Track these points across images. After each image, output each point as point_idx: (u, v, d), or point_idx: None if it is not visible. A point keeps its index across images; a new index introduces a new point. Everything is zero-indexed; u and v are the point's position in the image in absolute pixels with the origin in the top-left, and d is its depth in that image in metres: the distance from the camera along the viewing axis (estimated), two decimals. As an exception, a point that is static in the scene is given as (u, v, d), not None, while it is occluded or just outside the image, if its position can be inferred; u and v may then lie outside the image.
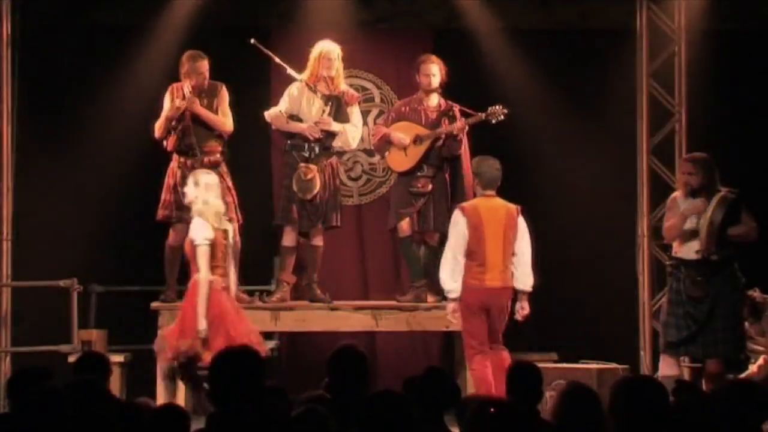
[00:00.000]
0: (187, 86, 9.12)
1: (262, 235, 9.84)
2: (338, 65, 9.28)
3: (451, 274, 8.34)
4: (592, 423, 4.89)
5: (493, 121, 9.28)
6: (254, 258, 9.99)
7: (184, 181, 8.77)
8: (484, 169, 8.53)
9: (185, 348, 8.03)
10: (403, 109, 9.49)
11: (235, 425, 4.48)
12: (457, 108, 9.37)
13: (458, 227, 8.35)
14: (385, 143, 9.45)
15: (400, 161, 9.36)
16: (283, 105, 9.33)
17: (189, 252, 8.16)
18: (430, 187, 9.31)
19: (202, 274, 8.05)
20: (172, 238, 9.03)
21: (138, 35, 10.16)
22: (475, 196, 8.58)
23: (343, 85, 9.41)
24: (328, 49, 9.25)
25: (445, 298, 8.75)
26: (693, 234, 8.73)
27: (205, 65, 9.11)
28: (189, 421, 4.85)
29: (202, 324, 8.02)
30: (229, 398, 4.52)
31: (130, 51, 10.16)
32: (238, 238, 9.17)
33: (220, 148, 9.19)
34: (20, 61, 10.04)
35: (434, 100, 9.42)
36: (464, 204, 8.54)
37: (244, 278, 9.70)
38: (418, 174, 9.33)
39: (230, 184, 9.16)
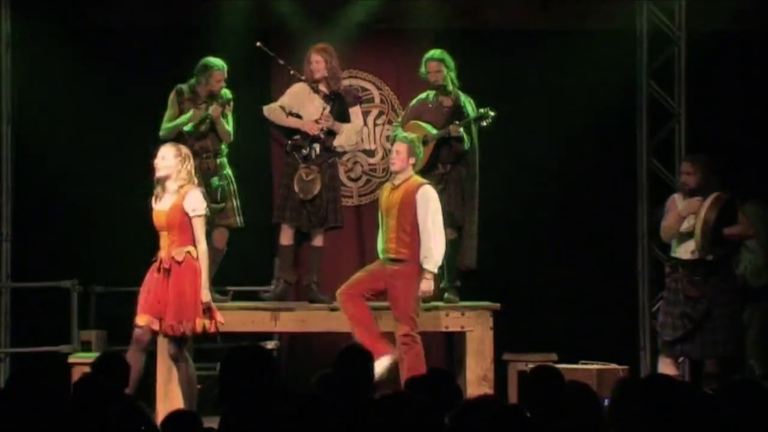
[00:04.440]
0: (203, 92, 9.12)
1: (262, 236, 9.85)
2: (329, 67, 9.26)
3: None
4: (590, 421, 4.89)
5: (483, 124, 9.29)
6: (254, 258, 10.00)
7: (203, 182, 8.88)
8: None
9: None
10: (419, 107, 9.48)
11: (249, 425, 4.47)
12: (467, 105, 9.35)
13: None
14: None
15: None
16: (282, 101, 9.34)
17: (176, 220, 8.12)
18: (443, 184, 9.33)
19: (204, 244, 8.11)
20: None
21: (137, 36, 10.16)
22: None
23: (342, 85, 9.43)
24: (313, 52, 9.28)
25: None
26: (689, 234, 8.76)
27: (221, 75, 9.10)
28: (201, 425, 4.84)
29: (207, 295, 8.11)
30: (239, 397, 4.50)
31: (129, 52, 10.15)
32: (224, 245, 9.19)
33: (226, 151, 9.22)
34: (20, 61, 10.04)
35: (448, 95, 9.40)
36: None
37: (242, 279, 9.75)
38: (433, 172, 9.34)
39: (235, 187, 9.21)
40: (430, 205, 8.50)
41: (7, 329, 9.93)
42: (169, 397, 8.55)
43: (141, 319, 8.10)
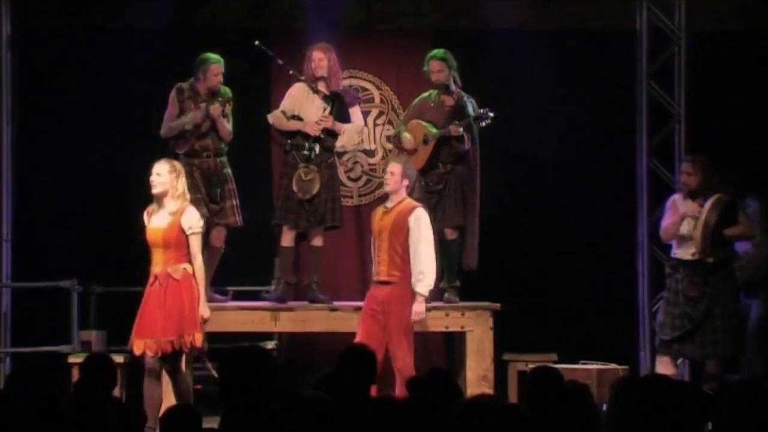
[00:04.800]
0: (203, 89, 9.11)
1: (262, 236, 9.85)
2: (330, 65, 9.25)
3: None
4: (588, 421, 4.90)
5: (483, 124, 9.29)
6: (254, 258, 10.00)
7: (203, 182, 8.93)
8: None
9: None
10: (420, 106, 9.49)
11: (248, 426, 4.46)
12: (468, 104, 9.34)
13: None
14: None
15: (414, 161, 9.39)
16: (284, 105, 9.35)
17: (173, 237, 8.09)
18: (443, 184, 9.33)
19: (201, 261, 8.08)
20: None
21: (137, 36, 10.16)
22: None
23: (341, 86, 9.43)
24: (315, 51, 9.27)
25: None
26: (690, 236, 8.75)
27: (218, 68, 9.10)
28: (200, 421, 4.84)
29: (207, 311, 8.10)
30: (238, 398, 4.49)
31: (129, 52, 10.15)
32: (221, 243, 9.18)
33: (226, 150, 9.22)
34: (20, 61, 10.04)
35: (449, 94, 9.40)
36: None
37: (242, 279, 9.75)
38: (433, 171, 9.34)
39: (234, 186, 9.21)
40: (422, 228, 8.56)
41: (7, 329, 9.92)
42: (170, 398, 8.54)
43: (137, 347, 8.07)
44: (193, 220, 8.11)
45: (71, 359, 9.07)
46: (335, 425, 4.62)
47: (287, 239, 9.31)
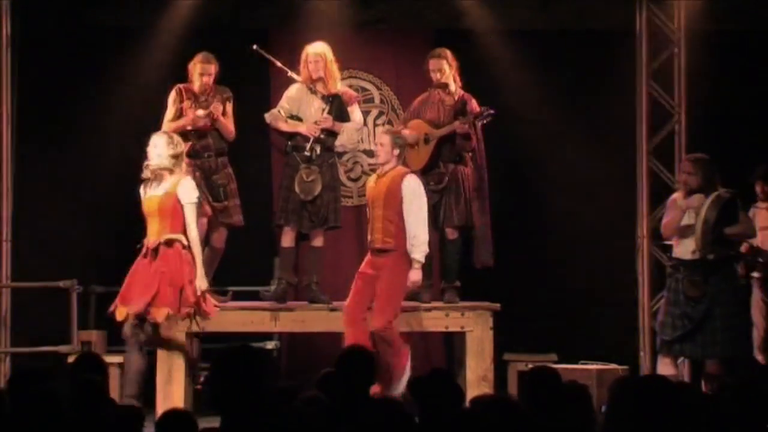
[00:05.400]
0: (199, 88, 9.13)
1: (262, 236, 9.85)
2: (328, 66, 9.25)
3: None
4: (586, 421, 4.90)
5: (483, 122, 9.30)
6: (254, 258, 10.00)
7: (204, 181, 8.98)
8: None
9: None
10: (419, 106, 9.50)
11: (245, 427, 4.45)
12: (470, 102, 9.35)
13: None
14: None
15: (415, 160, 9.39)
16: (281, 105, 9.35)
17: (169, 206, 8.14)
18: (444, 183, 9.33)
19: (195, 231, 8.14)
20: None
21: (137, 36, 10.17)
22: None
23: (339, 85, 9.41)
24: (311, 51, 9.26)
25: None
26: (690, 231, 8.75)
27: (212, 68, 9.12)
28: (196, 425, 4.83)
29: (205, 283, 8.17)
30: (231, 400, 4.48)
31: (129, 52, 10.17)
32: (222, 244, 9.18)
33: (227, 150, 9.23)
34: (20, 62, 10.04)
35: (449, 94, 9.41)
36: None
37: (242, 279, 9.75)
38: (434, 171, 9.35)
39: (236, 186, 9.22)
40: (415, 193, 8.56)
41: (7, 329, 9.93)
42: (169, 397, 8.55)
43: (119, 314, 8.10)
44: (189, 191, 8.20)
45: (71, 359, 9.08)
46: (334, 425, 4.62)
47: (287, 239, 9.31)
